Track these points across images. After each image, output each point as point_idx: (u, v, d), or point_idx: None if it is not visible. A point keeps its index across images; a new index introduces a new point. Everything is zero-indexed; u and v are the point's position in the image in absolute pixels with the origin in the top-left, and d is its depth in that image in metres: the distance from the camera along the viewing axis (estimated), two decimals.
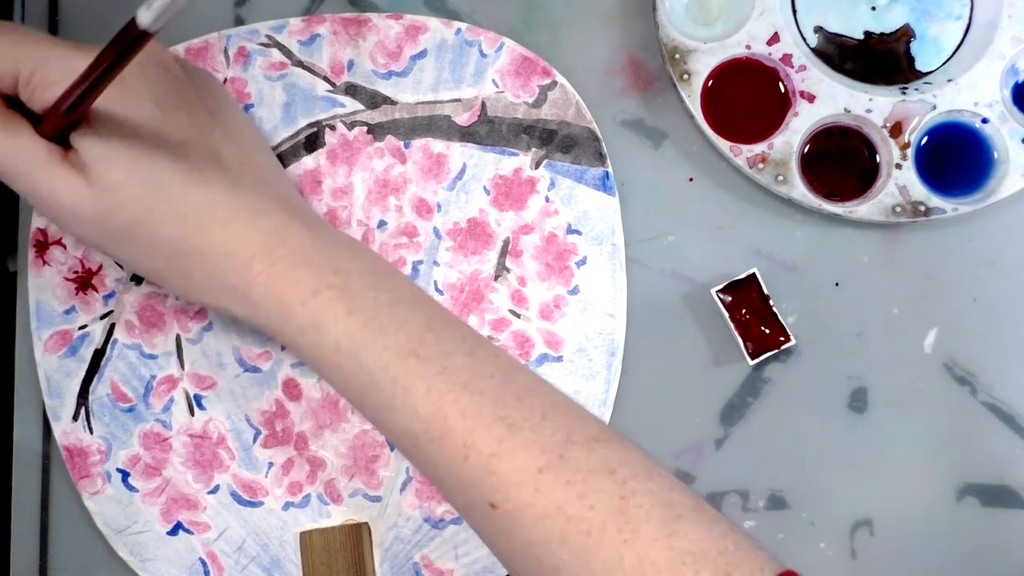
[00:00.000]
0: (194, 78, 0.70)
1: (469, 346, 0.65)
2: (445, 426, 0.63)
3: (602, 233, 0.77)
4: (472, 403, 0.63)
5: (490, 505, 0.62)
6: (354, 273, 0.66)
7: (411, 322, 0.65)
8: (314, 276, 0.65)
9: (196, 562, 0.75)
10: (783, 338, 0.75)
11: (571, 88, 0.78)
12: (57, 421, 0.75)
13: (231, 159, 0.68)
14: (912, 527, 0.76)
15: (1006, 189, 0.75)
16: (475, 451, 0.62)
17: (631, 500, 0.60)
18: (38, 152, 0.65)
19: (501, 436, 0.62)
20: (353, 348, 0.64)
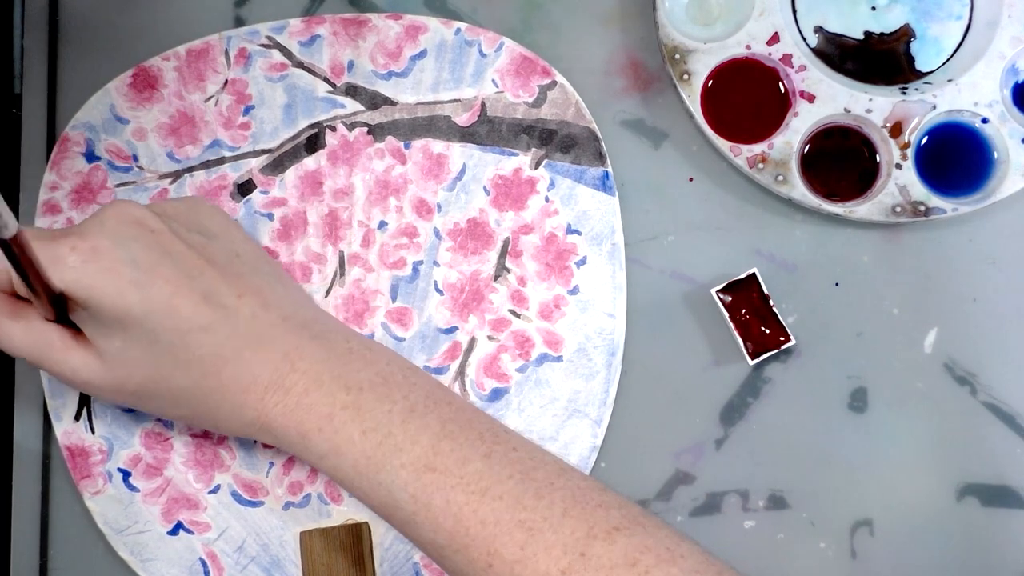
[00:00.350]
0: (176, 218, 0.69)
1: (486, 447, 0.65)
2: (467, 537, 0.63)
3: (602, 233, 0.77)
4: (491, 511, 0.63)
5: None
6: (366, 387, 0.67)
7: (425, 433, 0.65)
8: (327, 399, 0.66)
9: (196, 562, 0.74)
10: (783, 338, 0.75)
11: (571, 88, 0.78)
12: (59, 421, 0.75)
13: (226, 296, 0.67)
14: (912, 527, 0.76)
15: (1006, 189, 0.75)
16: (498, 559, 0.62)
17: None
18: (50, 338, 0.67)
19: (523, 542, 0.62)
20: (371, 469, 0.65)
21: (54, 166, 0.77)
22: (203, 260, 0.67)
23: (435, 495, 0.64)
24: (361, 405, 0.66)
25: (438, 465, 0.64)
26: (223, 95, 0.78)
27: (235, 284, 0.68)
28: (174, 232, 0.67)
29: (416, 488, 0.64)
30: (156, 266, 0.65)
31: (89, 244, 0.64)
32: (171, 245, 0.67)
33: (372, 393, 0.66)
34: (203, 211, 0.72)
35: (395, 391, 0.67)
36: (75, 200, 0.77)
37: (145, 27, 0.79)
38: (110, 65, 0.78)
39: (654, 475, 0.76)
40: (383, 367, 0.68)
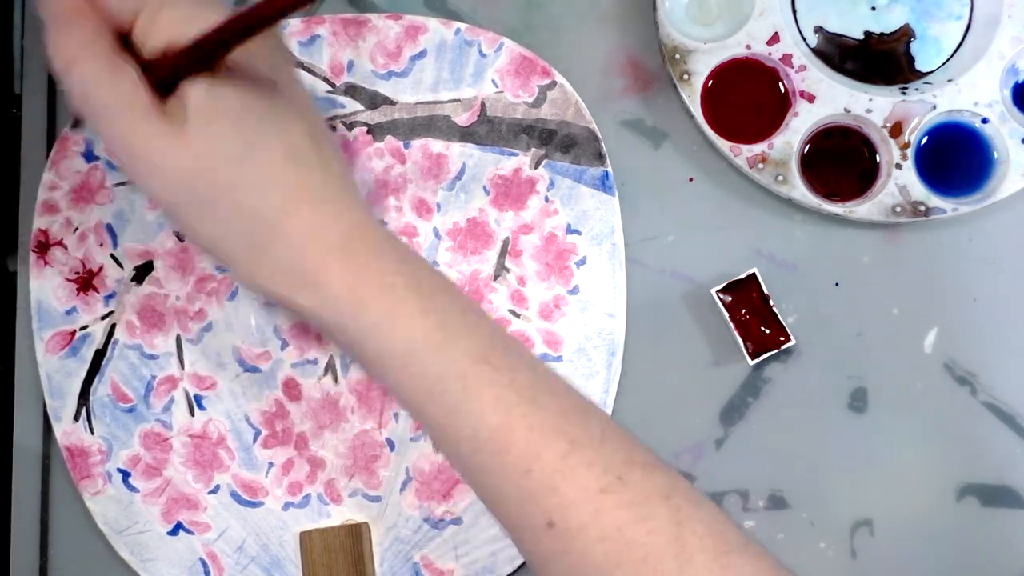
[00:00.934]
0: (293, 63, 0.69)
1: (531, 363, 0.64)
2: (511, 438, 0.61)
3: (602, 233, 0.77)
4: (538, 418, 0.61)
5: (547, 524, 0.60)
6: (424, 276, 0.64)
7: (481, 330, 0.64)
8: (390, 273, 0.63)
9: (196, 562, 0.75)
10: (783, 338, 0.75)
11: (570, 88, 0.78)
12: (58, 421, 0.75)
13: (324, 146, 0.65)
14: (912, 527, 0.76)
15: (1006, 189, 0.75)
16: (539, 465, 0.60)
17: (686, 526, 0.59)
18: (140, 100, 0.60)
19: (565, 452, 0.60)
20: (427, 348, 0.62)
21: (53, 166, 0.77)
22: (309, 107, 0.66)
23: (487, 388, 0.61)
24: (422, 288, 0.63)
25: (493, 361, 0.62)
26: None
27: (329, 142, 0.66)
28: (295, 72, 0.66)
29: (471, 376, 0.61)
30: (282, 86, 0.63)
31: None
32: (294, 77, 0.66)
33: (431, 285, 0.64)
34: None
35: (451, 288, 0.65)
36: (74, 200, 0.77)
37: None
38: None
39: None
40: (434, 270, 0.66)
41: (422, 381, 0.62)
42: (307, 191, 0.63)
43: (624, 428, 0.64)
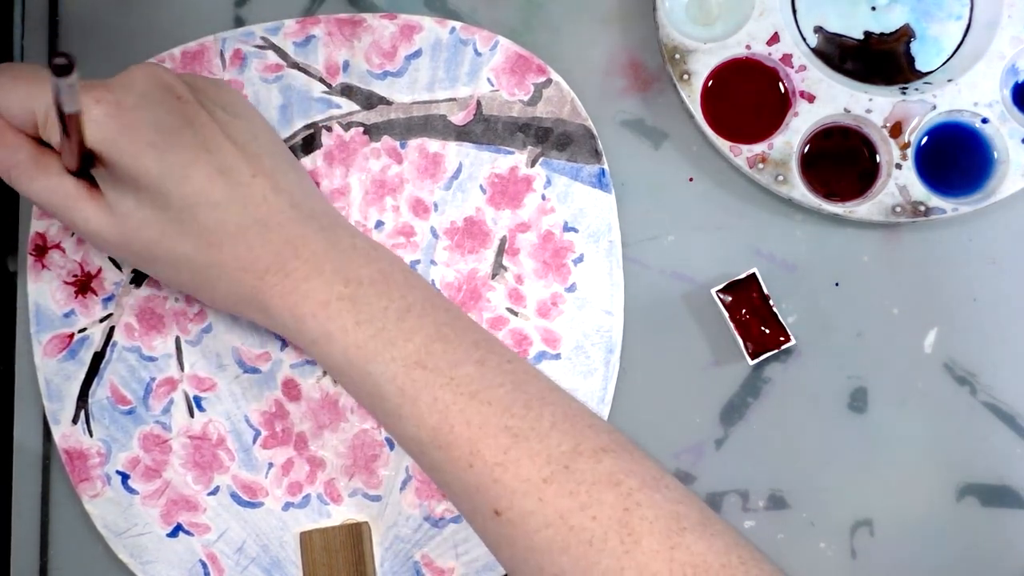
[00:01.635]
0: (204, 91, 0.71)
1: (480, 354, 0.66)
2: (451, 435, 0.63)
3: (599, 230, 0.77)
4: (478, 413, 0.63)
5: (494, 512, 0.62)
6: (365, 281, 0.67)
7: (420, 332, 0.66)
8: (325, 287, 0.67)
9: (196, 564, 0.75)
10: (783, 338, 0.74)
11: (566, 85, 0.77)
12: (57, 424, 0.75)
13: (241, 173, 0.68)
14: (912, 527, 0.76)
15: (1006, 189, 0.75)
16: (480, 460, 0.63)
17: (635, 512, 0.61)
18: (67, 189, 0.68)
19: (506, 446, 0.63)
20: (361, 359, 0.66)
21: None
22: (223, 136, 0.69)
23: (423, 391, 0.64)
24: (358, 298, 0.66)
25: (429, 364, 0.65)
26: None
27: (251, 164, 0.69)
28: (200, 103, 0.69)
29: (404, 382, 0.65)
30: (176, 133, 0.67)
31: (115, 98, 0.66)
32: (195, 115, 0.68)
33: (371, 288, 0.67)
34: (229, 91, 0.74)
35: (394, 290, 0.67)
36: None
37: (145, 27, 0.79)
38: (110, 66, 0.77)
39: None
40: (385, 266, 0.69)
41: (363, 389, 0.66)
42: (226, 226, 0.67)
43: (586, 411, 0.66)
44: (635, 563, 0.59)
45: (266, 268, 0.67)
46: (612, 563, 0.60)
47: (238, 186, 0.68)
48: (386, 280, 0.68)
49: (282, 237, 0.68)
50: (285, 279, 0.67)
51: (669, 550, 0.59)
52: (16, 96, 0.68)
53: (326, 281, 0.67)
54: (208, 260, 0.68)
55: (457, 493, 0.65)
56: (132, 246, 0.68)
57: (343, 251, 0.68)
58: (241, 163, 0.68)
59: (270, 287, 0.67)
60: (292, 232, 0.68)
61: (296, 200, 0.69)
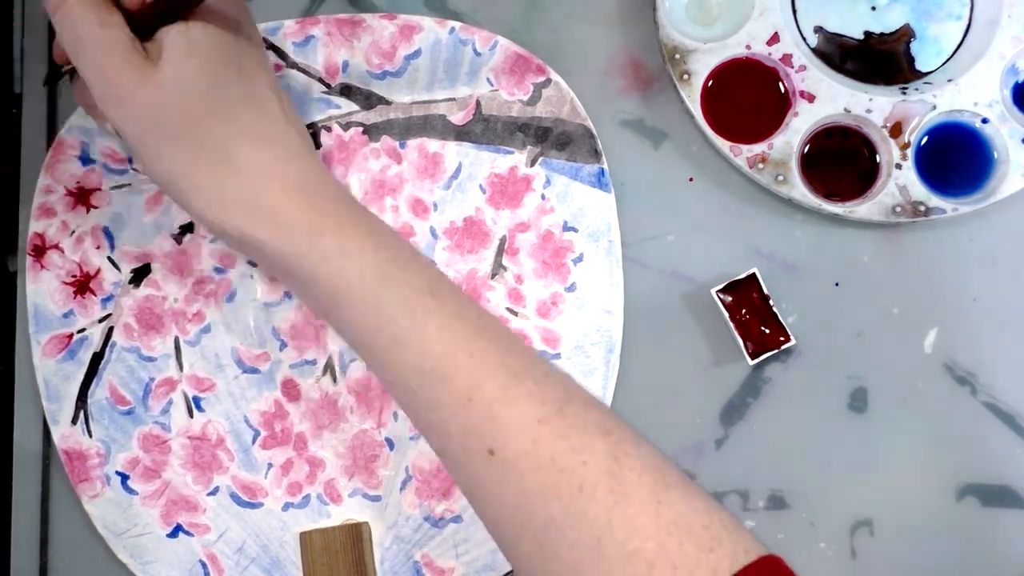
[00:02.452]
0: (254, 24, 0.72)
1: (477, 307, 0.67)
2: (454, 364, 0.63)
3: (598, 230, 0.77)
4: (480, 348, 0.64)
5: (488, 451, 0.62)
6: (377, 226, 0.68)
7: (429, 269, 0.67)
8: (346, 213, 0.67)
9: (196, 564, 0.75)
10: (783, 338, 0.74)
11: (565, 85, 0.77)
12: (56, 425, 0.75)
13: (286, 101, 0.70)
14: (912, 527, 0.76)
15: (1006, 189, 0.75)
16: (479, 393, 0.63)
17: (624, 462, 0.61)
18: (124, 38, 0.66)
19: (505, 383, 0.63)
20: (376, 279, 0.65)
21: (49, 169, 0.77)
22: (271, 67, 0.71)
23: (432, 318, 0.64)
24: (375, 231, 0.67)
25: (439, 295, 0.65)
26: None
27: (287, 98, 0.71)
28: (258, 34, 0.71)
29: (416, 306, 0.65)
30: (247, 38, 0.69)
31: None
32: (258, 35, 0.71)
33: (383, 231, 0.68)
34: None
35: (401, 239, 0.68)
36: (70, 203, 0.77)
37: None
38: None
39: None
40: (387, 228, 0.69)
41: (371, 312, 0.65)
42: (269, 133, 0.68)
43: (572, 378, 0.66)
44: (623, 515, 0.59)
45: (290, 182, 0.67)
46: (601, 512, 0.60)
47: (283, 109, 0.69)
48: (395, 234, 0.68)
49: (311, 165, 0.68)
50: (310, 196, 0.67)
51: (656, 505, 0.60)
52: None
53: (346, 210, 0.67)
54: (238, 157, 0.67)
55: (451, 432, 0.64)
56: (165, 114, 0.66)
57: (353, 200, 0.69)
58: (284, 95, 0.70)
59: (292, 198, 0.66)
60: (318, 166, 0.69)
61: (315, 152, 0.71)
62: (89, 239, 0.76)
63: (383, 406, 0.76)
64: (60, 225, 0.76)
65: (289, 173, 0.67)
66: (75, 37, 0.65)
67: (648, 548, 0.59)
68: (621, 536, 0.59)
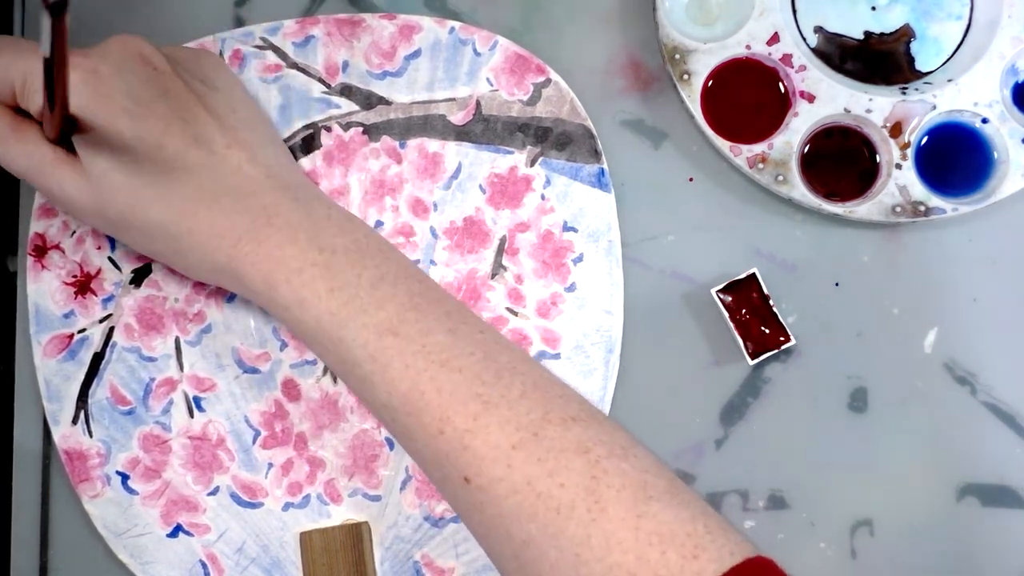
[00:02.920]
0: (183, 63, 0.72)
1: (452, 324, 0.66)
2: (422, 401, 0.64)
3: (598, 230, 0.77)
4: (449, 380, 0.64)
5: (464, 479, 0.63)
6: (339, 250, 0.68)
7: (392, 301, 0.66)
8: (299, 254, 0.67)
9: (196, 564, 0.75)
10: (783, 338, 0.74)
11: (565, 85, 0.77)
12: (56, 425, 0.75)
13: (216, 143, 0.69)
14: (912, 527, 0.76)
15: (1006, 189, 0.75)
16: (450, 426, 0.63)
17: (602, 479, 0.61)
18: (44, 155, 0.69)
19: (476, 413, 0.63)
20: (334, 325, 0.66)
21: None
22: (200, 106, 0.70)
23: (395, 358, 0.65)
24: (332, 266, 0.67)
25: (401, 331, 0.65)
26: None
27: (227, 135, 0.70)
28: (177, 74, 0.70)
29: (376, 348, 0.65)
30: (152, 102, 0.68)
31: (91, 65, 0.68)
32: (171, 85, 0.69)
33: (345, 257, 0.67)
34: (210, 62, 0.75)
35: (367, 259, 0.68)
36: None
37: (145, 27, 0.78)
38: None
39: None
40: (359, 236, 0.69)
41: (335, 355, 0.67)
42: (201, 193, 0.68)
43: (558, 382, 0.66)
44: (601, 531, 0.59)
45: (239, 236, 0.68)
46: (579, 531, 0.60)
47: (212, 155, 0.69)
48: (360, 250, 0.68)
49: (257, 205, 0.68)
50: (259, 247, 0.67)
51: (636, 518, 0.60)
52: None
53: (300, 249, 0.67)
54: (181, 228, 0.68)
55: (428, 460, 0.65)
56: (107, 212, 0.69)
57: (317, 221, 0.69)
58: (216, 133, 0.69)
59: (243, 255, 0.67)
60: (266, 200, 0.69)
61: (273, 172, 0.70)
62: (90, 239, 0.76)
63: None
64: (61, 225, 0.76)
65: (235, 226, 0.68)
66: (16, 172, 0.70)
67: (628, 560, 0.59)
68: (600, 551, 0.59)
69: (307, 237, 0.67)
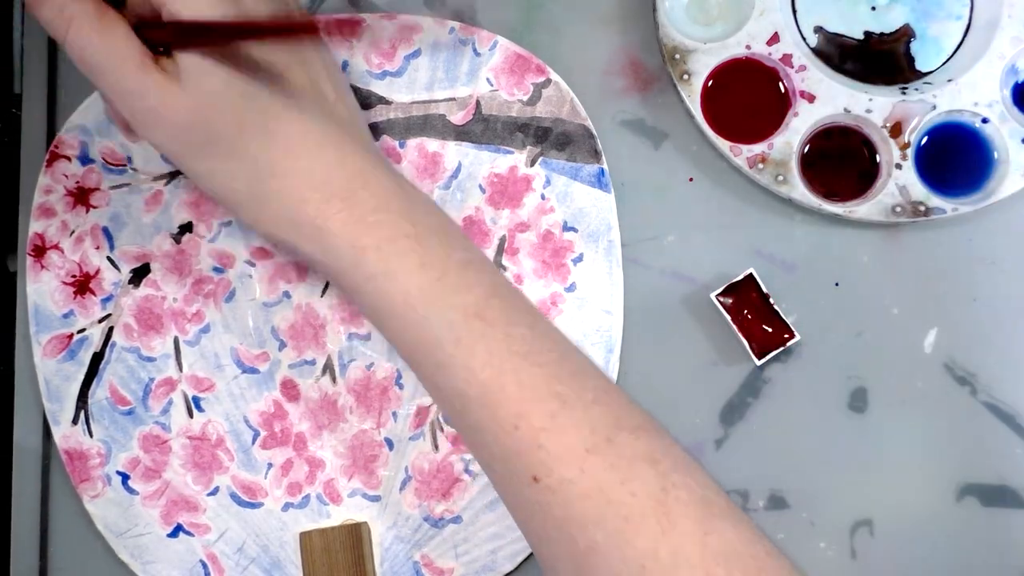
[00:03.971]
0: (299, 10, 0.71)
1: (531, 319, 0.66)
2: (501, 394, 0.62)
3: (598, 230, 0.77)
4: (529, 375, 0.63)
5: (532, 478, 0.62)
6: (429, 228, 0.66)
7: (479, 286, 0.65)
8: (392, 223, 0.65)
9: (196, 564, 0.75)
10: (787, 335, 0.74)
11: (565, 85, 0.77)
12: (57, 425, 0.75)
13: (328, 93, 0.68)
14: (912, 527, 0.75)
15: (1006, 189, 0.75)
16: (526, 422, 0.62)
17: (671, 492, 0.60)
18: (132, 52, 0.63)
19: (554, 411, 0.62)
20: (421, 302, 0.64)
21: (48, 169, 0.77)
22: (315, 53, 0.69)
23: (479, 343, 0.63)
24: (423, 240, 0.65)
25: (488, 317, 0.64)
26: None
27: (336, 89, 0.69)
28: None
29: (463, 331, 0.63)
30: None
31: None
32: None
33: (435, 235, 0.66)
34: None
35: (455, 241, 0.67)
36: (70, 203, 0.77)
37: None
38: None
39: None
40: (445, 220, 0.68)
41: (416, 334, 0.64)
42: (307, 137, 0.65)
43: (621, 390, 0.66)
44: (670, 545, 0.59)
45: (333, 192, 0.65)
46: (647, 543, 0.59)
47: (325, 102, 0.68)
48: (447, 232, 0.67)
49: (356, 165, 0.66)
50: (352, 208, 0.65)
51: (703, 535, 0.59)
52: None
53: (393, 218, 0.65)
54: (277, 168, 0.65)
55: (494, 456, 0.63)
56: (196, 132, 0.64)
57: (409, 195, 0.67)
58: (327, 84, 0.68)
59: (334, 212, 0.65)
60: (366, 163, 0.67)
61: (365, 135, 0.70)
62: (89, 239, 0.76)
63: (382, 406, 0.76)
64: (60, 225, 0.76)
65: (332, 182, 0.65)
66: (87, 66, 0.63)
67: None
68: (667, 566, 0.59)
69: (400, 208, 0.66)
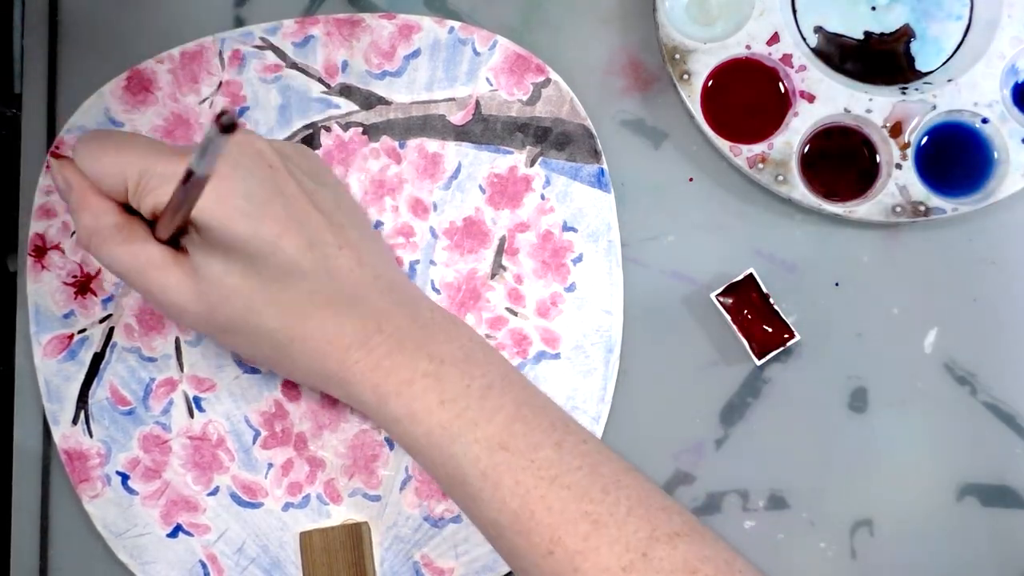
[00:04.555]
0: (291, 160, 0.70)
1: (558, 436, 0.65)
2: (532, 521, 0.63)
3: (598, 230, 0.77)
4: (558, 498, 0.63)
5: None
6: (448, 359, 0.67)
7: (501, 412, 0.65)
8: (409, 364, 0.66)
9: (196, 564, 0.75)
10: (787, 335, 0.74)
11: (565, 85, 0.77)
12: (56, 425, 0.75)
13: (329, 245, 0.68)
14: (912, 527, 0.75)
15: (1006, 189, 0.75)
16: (560, 547, 0.62)
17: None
18: (151, 256, 0.67)
19: (586, 533, 0.62)
20: (444, 440, 0.65)
21: (49, 170, 0.77)
22: (312, 206, 0.68)
23: (505, 474, 0.64)
24: (442, 376, 0.66)
25: (511, 445, 0.64)
26: (217, 97, 0.78)
27: (338, 235, 0.68)
28: (289, 172, 0.68)
29: (487, 465, 0.64)
30: (268, 203, 0.66)
31: None
32: (285, 185, 0.67)
33: (453, 366, 0.66)
34: (313, 157, 0.74)
35: (475, 368, 0.67)
36: None
37: (145, 27, 0.79)
38: (110, 65, 0.78)
39: (654, 475, 0.75)
40: (465, 342, 0.68)
41: (445, 471, 0.66)
42: (314, 298, 0.67)
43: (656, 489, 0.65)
44: None
45: (349, 343, 0.67)
46: None
47: (326, 258, 0.67)
48: (467, 357, 0.67)
49: (366, 311, 0.67)
50: (368, 355, 0.66)
51: None
52: (108, 161, 0.67)
53: (409, 358, 0.66)
54: (293, 334, 0.67)
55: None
56: (215, 317, 0.67)
57: (424, 326, 0.68)
58: (328, 235, 0.68)
59: (353, 363, 0.67)
60: (376, 306, 0.68)
61: (378, 272, 0.69)
62: None
63: None
64: (61, 226, 0.76)
65: (344, 334, 0.67)
66: (117, 272, 0.68)
67: None
68: None
69: (415, 344, 0.67)
